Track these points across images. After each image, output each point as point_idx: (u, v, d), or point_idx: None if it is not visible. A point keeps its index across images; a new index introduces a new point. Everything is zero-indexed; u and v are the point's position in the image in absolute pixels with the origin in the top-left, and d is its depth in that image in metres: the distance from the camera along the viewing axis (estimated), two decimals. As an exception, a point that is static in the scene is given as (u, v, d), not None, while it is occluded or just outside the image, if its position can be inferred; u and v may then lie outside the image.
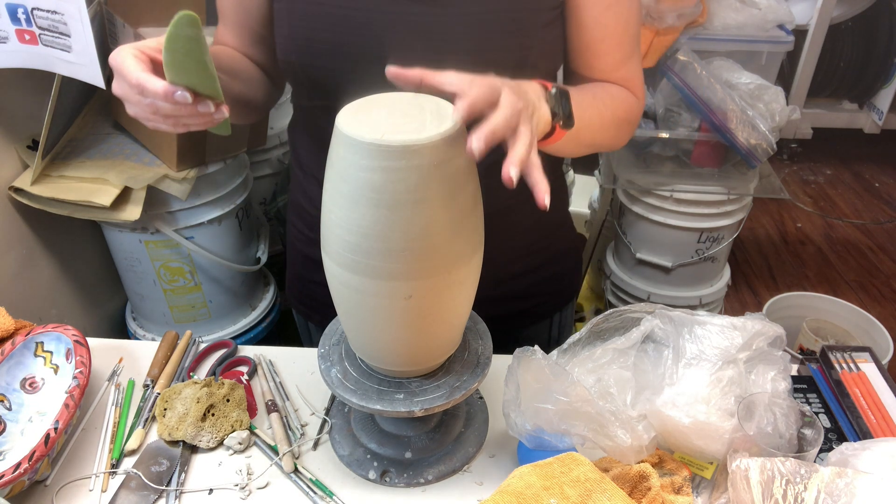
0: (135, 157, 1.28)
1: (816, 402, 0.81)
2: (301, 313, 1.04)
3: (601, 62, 0.80)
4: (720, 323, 0.72)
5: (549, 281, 0.99)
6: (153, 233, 1.32)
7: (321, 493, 0.72)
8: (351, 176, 0.57)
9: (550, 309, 1.02)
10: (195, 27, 0.56)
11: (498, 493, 0.62)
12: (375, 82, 0.62)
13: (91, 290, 1.48)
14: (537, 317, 1.01)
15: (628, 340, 0.74)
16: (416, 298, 0.61)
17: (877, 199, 3.01)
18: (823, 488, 0.59)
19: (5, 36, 1.07)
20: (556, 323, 1.04)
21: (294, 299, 1.04)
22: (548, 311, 1.02)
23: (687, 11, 1.62)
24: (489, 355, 0.73)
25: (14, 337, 0.82)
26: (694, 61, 1.58)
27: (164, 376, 0.86)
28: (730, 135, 1.56)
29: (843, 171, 3.22)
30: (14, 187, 1.21)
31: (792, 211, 2.92)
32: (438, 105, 0.60)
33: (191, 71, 0.58)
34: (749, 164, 1.62)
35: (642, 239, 1.83)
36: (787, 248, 2.70)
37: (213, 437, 0.77)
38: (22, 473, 0.66)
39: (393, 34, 0.72)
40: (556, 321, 1.04)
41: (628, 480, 0.64)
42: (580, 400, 0.65)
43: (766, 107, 1.60)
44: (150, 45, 0.60)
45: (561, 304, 1.03)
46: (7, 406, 0.78)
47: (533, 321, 1.01)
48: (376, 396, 0.69)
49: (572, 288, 1.06)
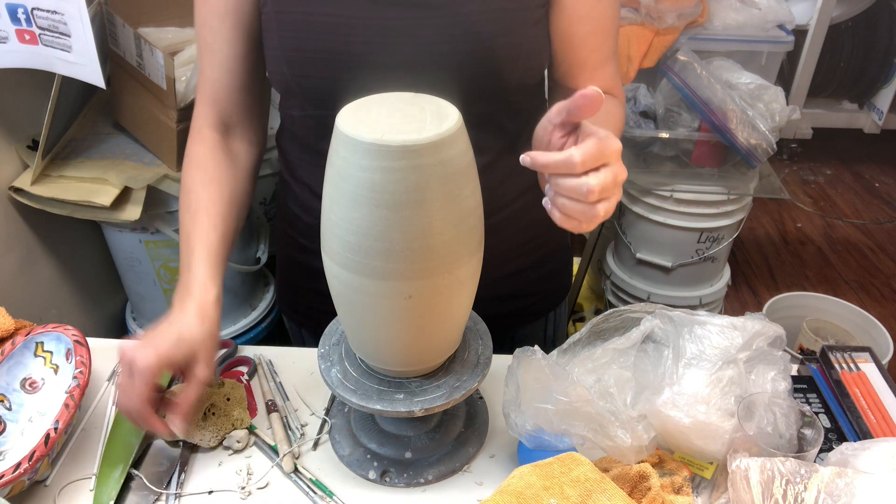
0: (135, 157, 1.28)
1: (816, 402, 0.81)
2: (294, 321, 1.04)
3: (593, 57, 0.80)
4: (720, 323, 0.72)
5: (543, 279, 0.99)
6: (153, 233, 1.32)
7: (321, 493, 0.72)
8: (351, 176, 0.57)
9: (544, 307, 1.02)
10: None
11: (498, 493, 0.62)
12: (366, 88, 0.62)
13: (91, 290, 1.48)
14: (532, 315, 1.01)
15: (628, 340, 0.74)
16: (416, 298, 0.61)
17: (877, 199, 3.01)
18: (823, 488, 0.59)
19: (5, 36, 1.07)
20: (551, 321, 1.04)
21: (286, 307, 1.04)
22: (542, 310, 1.02)
23: (687, 11, 1.63)
24: (489, 355, 0.73)
25: (14, 337, 0.82)
26: (694, 61, 1.58)
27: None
28: (730, 135, 1.56)
29: (843, 171, 3.22)
30: (14, 187, 1.21)
31: (792, 211, 2.92)
32: (438, 105, 0.60)
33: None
34: (749, 164, 1.62)
35: (642, 239, 1.83)
36: (787, 248, 2.70)
37: (213, 437, 0.77)
38: (22, 473, 0.66)
39: (382, 39, 0.72)
40: (551, 319, 1.04)
41: (628, 480, 0.64)
42: (580, 400, 0.65)
43: (766, 107, 1.60)
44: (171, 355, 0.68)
45: (555, 303, 1.03)
46: (7, 406, 0.78)
47: (527, 320, 1.01)
48: (376, 396, 0.69)
49: (565, 286, 1.06)
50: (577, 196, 0.56)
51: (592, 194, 0.55)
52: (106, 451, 0.75)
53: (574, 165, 0.54)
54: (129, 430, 0.77)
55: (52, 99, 1.13)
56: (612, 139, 0.56)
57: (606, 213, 0.57)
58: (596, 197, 0.55)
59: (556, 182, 0.57)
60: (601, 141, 0.55)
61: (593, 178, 0.55)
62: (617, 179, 0.56)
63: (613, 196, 0.57)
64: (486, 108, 0.78)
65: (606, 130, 0.57)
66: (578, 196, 0.56)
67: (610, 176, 0.55)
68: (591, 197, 0.55)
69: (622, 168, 0.57)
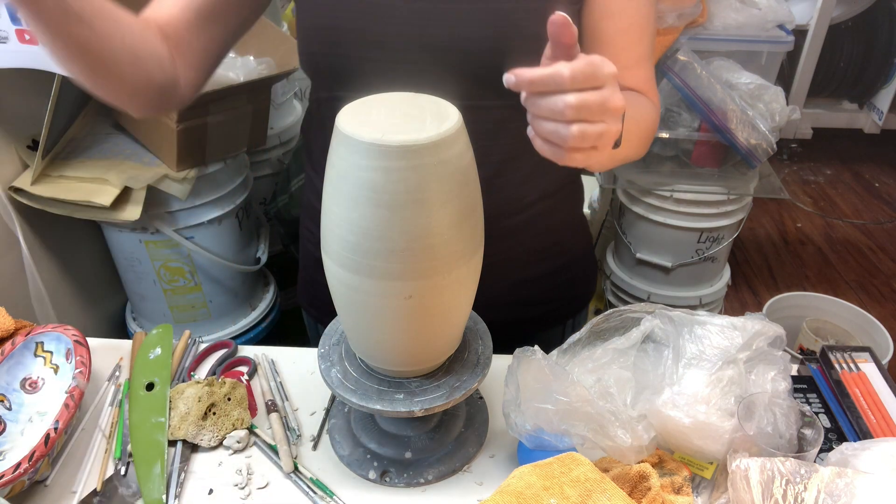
0: (135, 157, 1.28)
1: (816, 402, 0.81)
2: (312, 316, 1.04)
3: (624, 56, 0.78)
4: (720, 323, 0.72)
5: (565, 286, 0.96)
6: (153, 233, 1.32)
7: (321, 493, 0.72)
8: (351, 176, 0.57)
9: (565, 314, 1.00)
10: None
11: (498, 493, 0.62)
12: (394, 70, 0.61)
13: (91, 290, 1.48)
14: (550, 322, 0.99)
15: (628, 340, 0.74)
16: (416, 298, 0.61)
17: (877, 199, 3.01)
18: (823, 488, 0.59)
19: (5, 36, 1.07)
20: (570, 328, 1.02)
21: (305, 302, 1.04)
22: (561, 317, 1.00)
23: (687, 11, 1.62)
24: (489, 355, 0.73)
25: (14, 337, 0.82)
26: (694, 61, 1.58)
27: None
28: (730, 135, 1.56)
29: (843, 171, 3.22)
30: (14, 187, 1.21)
31: (792, 211, 2.92)
32: (438, 105, 0.60)
33: None
34: (749, 164, 1.62)
35: (642, 239, 1.83)
36: (787, 248, 2.70)
37: (214, 436, 0.77)
38: (22, 473, 0.66)
39: (415, 22, 0.73)
40: (570, 326, 1.01)
41: (628, 480, 0.64)
42: (580, 400, 0.65)
43: (766, 107, 1.60)
44: None
45: (576, 309, 1.01)
46: (7, 406, 0.78)
47: (545, 327, 0.99)
48: (376, 396, 0.69)
49: (587, 294, 1.03)
50: (552, 114, 0.51)
51: (570, 110, 0.50)
52: (135, 453, 0.75)
53: (563, 80, 0.50)
54: (152, 428, 0.77)
55: (52, 99, 1.13)
56: (606, 62, 0.52)
57: (583, 136, 0.51)
58: (573, 115, 0.50)
59: (535, 101, 0.52)
60: (593, 61, 0.51)
61: (572, 95, 0.50)
62: (607, 105, 0.51)
63: (599, 122, 0.52)
64: (512, 100, 0.78)
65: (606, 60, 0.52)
66: (554, 113, 0.51)
67: (596, 97, 0.51)
68: (567, 113, 0.50)
69: (617, 95, 0.52)
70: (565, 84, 0.50)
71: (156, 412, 0.78)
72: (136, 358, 0.86)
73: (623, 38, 0.77)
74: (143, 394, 0.81)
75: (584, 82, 0.50)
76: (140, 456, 0.75)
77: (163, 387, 0.81)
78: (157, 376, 0.83)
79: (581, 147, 0.53)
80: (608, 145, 0.54)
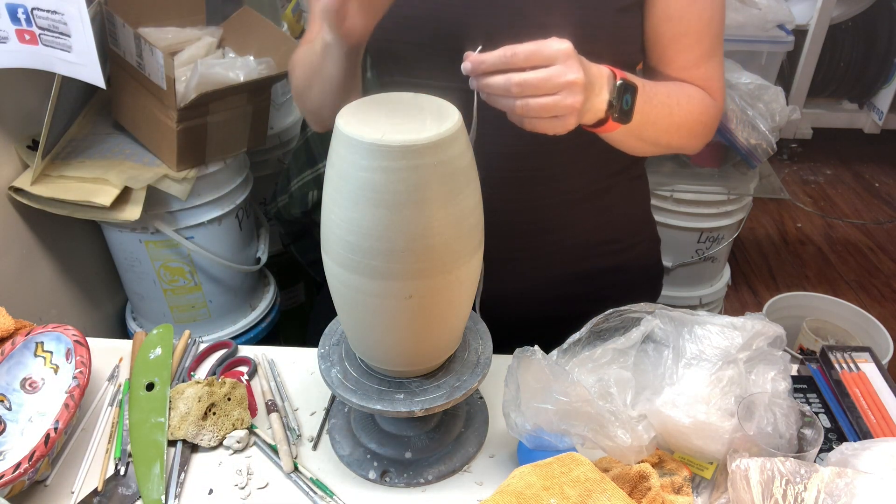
0: (135, 157, 1.28)
1: (816, 402, 0.81)
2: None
3: (681, 58, 0.78)
4: (720, 323, 0.72)
5: (623, 288, 0.89)
6: (153, 233, 1.32)
7: (321, 493, 0.72)
8: (351, 176, 0.57)
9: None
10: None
11: (498, 493, 0.62)
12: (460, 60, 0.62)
13: (91, 290, 1.47)
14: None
15: (628, 340, 0.74)
16: (416, 298, 0.61)
17: (877, 199, 3.01)
18: (823, 488, 0.59)
19: (5, 36, 1.07)
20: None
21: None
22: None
23: (687, 11, 1.62)
24: (489, 355, 0.73)
25: (14, 337, 0.82)
26: (694, 61, 1.58)
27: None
28: (730, 135, 1.56)
29: (843, 171, 3.22)
30: (14, 187, 1.20)
31: (792, 211, 2.92)
32: (438, 105, 0.60)
33: None
34: (749, 164, 1.62)
35: (642, 239, 1.83)
36: (787, 248, 2.70)
37: (214, 436, 0.77)
38: (22, 473, 0.66)
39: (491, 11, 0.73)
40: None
41: (628, 480, 0.64)
42: (580, 400, 0.65)
43: (766, 107, 1.60)
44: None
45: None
46: (7, 406, 0.78)
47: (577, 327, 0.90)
48: (376, 396, 0.69)
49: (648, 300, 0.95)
50: (503, 91, 0.58)
51: (515, 87, 0.57)
52: (135, 453, 0.75)
53: (509, 61, 0.57)
54: (152, 428, 0.77)
55: (52, 99, 1.13)
56: (554, 42, 0.58)
57: (526, 108, 0.58)
58: (518, 91, 0.57)
59: (487, 82, 0.59)
60: (540, 42, 0.57)
61: (517, 75, 0.57)
62: (554, 80, 0.57)
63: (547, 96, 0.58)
64: None
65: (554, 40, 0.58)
66: (503, 90, 0.58)
67: (538, 74, 0.57)
68: (513, 90, 0.57)
69: (571, 71, 0.58)
70: (516, 64, 0.57)
71: (156, 412, 0.78)
72: (136, 358, 0.86)
73: (680, 42, 0.77)
74: (143, 394, 0.81)
75: (527, 62, 0.57)
76: (140, 456, 0.75)
77: (163, 387, 0.81)
78: (157, 376, 0.83)
79: (539, 117, 0.59)
80: (571, 114, 0.60)
